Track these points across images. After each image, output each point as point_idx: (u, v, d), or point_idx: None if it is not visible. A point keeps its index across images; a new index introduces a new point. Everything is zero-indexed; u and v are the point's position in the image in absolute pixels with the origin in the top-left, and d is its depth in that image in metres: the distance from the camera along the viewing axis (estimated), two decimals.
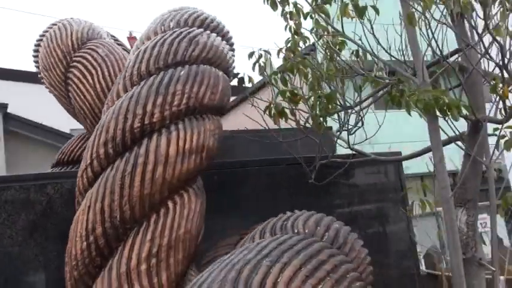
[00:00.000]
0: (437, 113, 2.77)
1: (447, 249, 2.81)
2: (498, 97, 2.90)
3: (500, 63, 2.82)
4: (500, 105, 2.96)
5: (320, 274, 2.09)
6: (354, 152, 3.56)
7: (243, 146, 3.83)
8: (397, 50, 3.37)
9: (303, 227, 2.40)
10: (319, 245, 2.24)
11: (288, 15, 3.45)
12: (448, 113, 2.80)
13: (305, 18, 3.45)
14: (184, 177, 2.64)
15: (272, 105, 3.43)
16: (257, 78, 3.86)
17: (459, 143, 3.21)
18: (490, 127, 3.04)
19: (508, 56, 2.83)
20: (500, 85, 2.86)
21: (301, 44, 3.48)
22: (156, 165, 2.56)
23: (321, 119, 3.34)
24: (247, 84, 3.78)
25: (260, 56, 3.58)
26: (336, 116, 3.52)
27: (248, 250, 2.17)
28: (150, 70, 2.86)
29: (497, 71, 2.89)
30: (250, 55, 3.59)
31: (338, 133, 3.60)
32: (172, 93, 2.72)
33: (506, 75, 2.83)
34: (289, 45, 3.50)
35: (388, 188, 3.82)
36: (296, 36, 3.45)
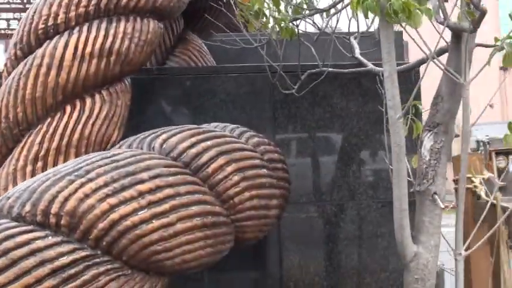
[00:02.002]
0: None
1: None
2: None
3: None
4: None
5: (127, 194, 1.92)
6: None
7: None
8: None
9: (162, 143, 2.20)
10: (150, 163, 2.04)
11: None
12: (397, 17, 2.29)
13: None
14: (83, 82, 2.55)
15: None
16: None
17: (442, 58, 2.61)
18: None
19: None
20: None
21: None
22: (50, 68, 2.51)
23: (290, 23, 2.94)
24: None
25: None
26: None
27: (74, 161, 2.08)
28: None
29: None
30: None
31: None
32: None
33: None
34: None
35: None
36: None
